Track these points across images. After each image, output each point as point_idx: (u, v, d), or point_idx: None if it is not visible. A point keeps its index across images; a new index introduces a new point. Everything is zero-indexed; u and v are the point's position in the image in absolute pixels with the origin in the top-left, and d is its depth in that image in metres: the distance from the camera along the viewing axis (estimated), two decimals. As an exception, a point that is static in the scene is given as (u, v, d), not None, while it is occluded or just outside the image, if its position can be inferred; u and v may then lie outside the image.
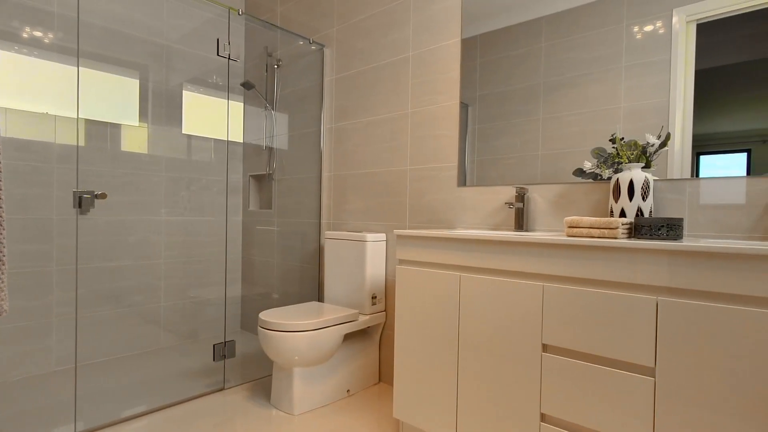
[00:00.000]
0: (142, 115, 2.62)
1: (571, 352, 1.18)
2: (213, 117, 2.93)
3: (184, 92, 2.83)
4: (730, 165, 1.33)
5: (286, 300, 2.73)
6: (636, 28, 1.52)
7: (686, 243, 1.02)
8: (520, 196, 1.67)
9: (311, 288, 2.58)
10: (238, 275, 3.10)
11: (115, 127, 2.49)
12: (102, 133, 2.44)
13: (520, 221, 1.67)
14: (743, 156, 1.32)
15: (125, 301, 2.52)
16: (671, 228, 1.15)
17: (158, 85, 2.66)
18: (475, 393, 1.37)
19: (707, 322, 0.97)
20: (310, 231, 2.59)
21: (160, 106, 2.68)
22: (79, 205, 1.88)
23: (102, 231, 2.42)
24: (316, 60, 2.56)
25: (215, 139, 2.93)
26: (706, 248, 0.97)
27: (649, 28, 1.49)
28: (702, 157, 1.38)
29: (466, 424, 1.39)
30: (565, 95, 1.68)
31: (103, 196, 1.82)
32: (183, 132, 2.81)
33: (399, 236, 1.60)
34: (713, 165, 1.35)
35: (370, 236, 2.11)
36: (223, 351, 2.16)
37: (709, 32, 1.38)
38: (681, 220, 1.15)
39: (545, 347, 1.23)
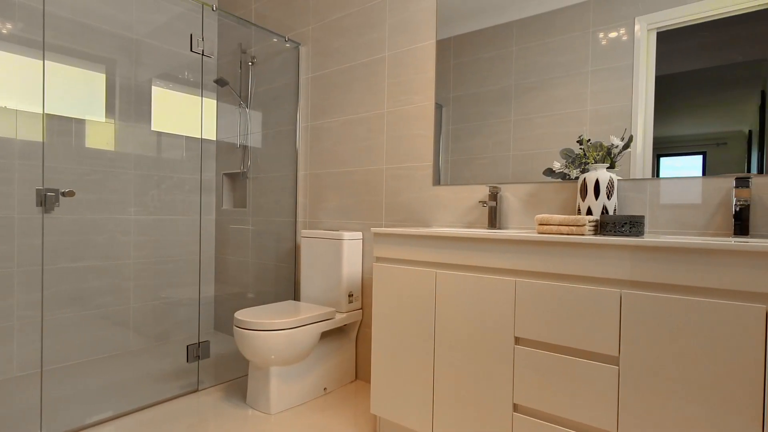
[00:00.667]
0: (109, 110, 2.54)
1: (541, 344, 1.24)
2: (184, 114, 2.87)
3: (154, 88, 2.76)
4: (688, 166, 1.42)
5: (261, 299, 2.71)
6: (601, 35, 1.59)
7: (647, 239, 1.08)
8: (493, 195, 1.72)
9: (287, 287, 2.57)
10: (211, 275, 3.05)
11: (80, 123, 2.40)
12: (65, 128, 2.35)
13: (493, 219, 1.72)
14: (699, 158, 1.41)
15: (92, 302, 2.44)
16: (633, 225, 1.22)
17: (126, 80, 2.59)
18: (451, 386, 1.41)
19: (666, 312, 1.04)
20: (286, 230, 2.58)
21: (128, 102, 2.61)
22: (43, 204, 1.82)
23: (68, 230, 2.34)
24: (291, 58, 2.55)
25: (187, 137, 2.87)
26: (665, 243, 1.03)
27: (613, 34, 1.56)
28: (662, 159, 1.47)
29: (442, 416, 1.43)
30: (535, 98, 1.75)
31: (71, 193, 1.76)
32: (152, 129, 2.74)
33: (376, 234, 1.62)
34: (672, 166, 1.44)
35: (347, 234, 2.12)
36: (197, 352, 2.12)
37: (668, 40, 1.47)
38: (642, 217, 1.22)
39: (517, 340, 1.28)
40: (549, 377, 1.21)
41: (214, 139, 3.03)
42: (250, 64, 2.76)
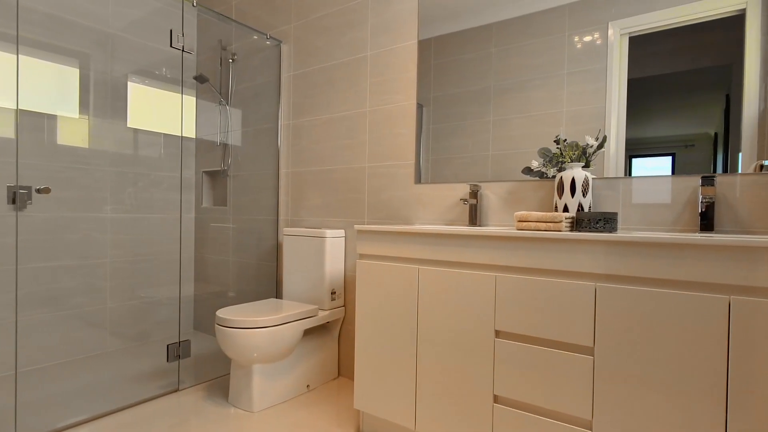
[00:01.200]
0: (83, 106, 2.48)
1: (521, 337, 1.28)
2: (162, 110, 2.82)
3: (130, 84, 2.71)
4: (658, 167, 1.49)
5: (242, 298, 2.69)
6: (576, 38, 1.65)
7: (620, 235, 1.14)
8: (474, 193, 1.76)
9: (268, 285, 2.56)
10: (191, 274, 3.01)
11: (52, 119, 2.34)
12: (37, 124, 2.28)
13: (474, 216, 1.76)
14: (669, 159, 1.48)
15: (68, 303, 2.38)
16: (607, 221, 1.27)
17: (101, 75, 2.53)
18: (433, 380, 1.44)
19: (637, 304, 1.09)
20: (267, 228, 2.57)
21: (103, 98, 2.55)
22: (15, 201, 1.77)
23: (41, 229, 2.28)
24: (272, 56, 2.54)
25: (165, 134, 2.82)
26: (637, 239, 1.09)
27: (588, 38, 1.62)
28: (634, 160, 1.53)
29: (424, 410, 1.46)
30: (513, 98, 1.79)
31: (47, 190, 1.72)
32: (128, 125, 2.68)
33: (359, 231, 1.64)
34: (644, 167, 1.51)
35: (329, 232, 2.13)
36: (177, 351, 2.10)
37: (639, 45, 1.53)
38: (615, 214, 1.28)
39: (498, 333, 1.32)
40: (528, 369, 1.25)
41: (194, 136, 2.99)
42: (230, 61, 2.74)
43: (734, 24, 1.37)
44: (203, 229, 2.96)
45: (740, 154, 1.36)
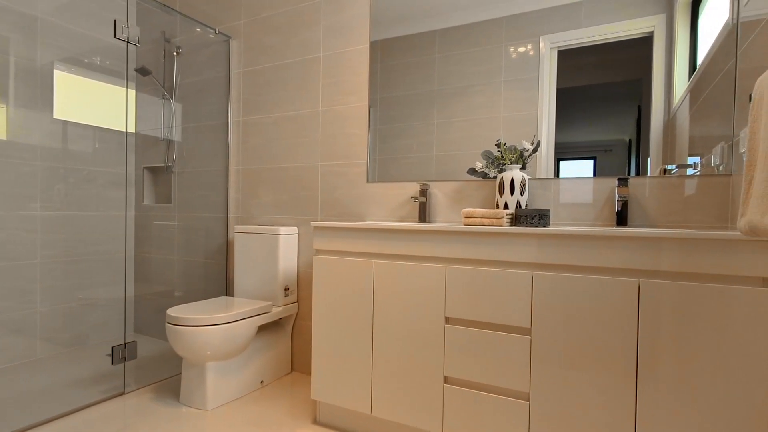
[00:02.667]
0: (1, 95, 2.29)
1: (468, 322, 1.41)
2: (96, 103, 2.67)
3: (57, 72, 2.53)
4: (582, 169, 1.69)
5: (190, 297, 2.63)
6: (512, 49, 1.81)
7: (552, 229, 1.30)
8: (423, 192, 1.88)
9: (218, 283, 2.53)
10: (130, 275, 2.88)
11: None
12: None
13: (424, 213, 1.88)
14: (591, 162, 1.68)
15: (-8, 308, 2.20)
16: (542, 217, 1.44)
17: (22, 61, 2.35)
18: (388, 366, 1.54)
19: (566, 288, 1.26)
20: (216, 225, 2.53)
21: (24, 87, 2.37)
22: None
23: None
24: (221, 51, 2.50)
25: (99, 127, 2.67)
26: (566, 232, 1.25)
27: (522, 49, 1.79)
28: (561, 162, 1.73)
29: (379, 395, 1.55)
30: (456, 102, 1.93)
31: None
32: (55, 117, 2.51)
33: (316, 227, 1.70)
34: (570, 169, 1.70)
35: (282, 229, 2.16)
36: (123, 353, 2.03)
37: (567, 58, 1.72)
38: (548, 210, 1.45)
39: (448, 320, 1.44)
40: (474, 350, 1.39)
41: (133, 131, 2.85)
42: (174, 54, 2.65)
43: (644, 44, 1.60)
44: (144, 227, 2.85)
45: (649, 159, 1.59)
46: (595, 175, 1.66)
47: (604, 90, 1.68)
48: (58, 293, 2.46)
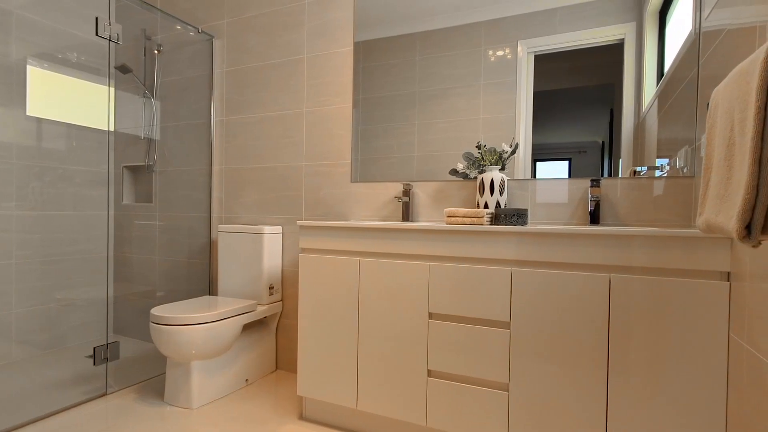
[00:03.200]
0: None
1: (451, 317, 1.47)
2: (73, 100, 2.62)
3: (30, 68, 2.48)
4: (558, 170, 1.76)
5: (173, 297, 2.61)
6: (491, 52, 1.87)
7: (529, 227, 1.36)
8: (407, 192, 1.93)
9: (201, 283, 2.52)
10: (111, 275, 2.84)
11: None
12: None
13: (407, 213, 1.93)
14: (566, 163, 1.76)
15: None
16: (520, 216, 1.50)
17: (-4, 57, 2.30)
18: (374, 361, 1.58)
19: (543, 284, 1.33)
20: (199, 225, 2.52)
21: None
22: None
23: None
24: (204, 50, 2.49)
25: (76, 125, 2.62)
26: (542, 230, 1.32)
27: (500, 53, 1.85)
28: (538, 163, 1.80)
29: (365, 389, 1.59)
30: (437, 104, 1.98)
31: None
32: (28, 114, 2.46)
33: (302, 226, 1.73)
34: (546, 169, 1.78)
35: (267, 229, 2.18)
36: (105, 354, 2.01)
37: (543, 62, 1.80)
38: (526, 210, 1.52)
39: (431, 315, 1.50)
40: (456, 344, 1.44)
41: (112, 129, 2.81)
42: (156, 52, 2.63)
43: (616, 50, 1.68)
44: (124, 227, 2.81)
45: (621, 160, 1.67)
46: (570, 175, 1.74)
47: (578, 93, 1.75)
48: (35, 294, 2.41)
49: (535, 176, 1.79)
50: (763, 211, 0.66)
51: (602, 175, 1.69)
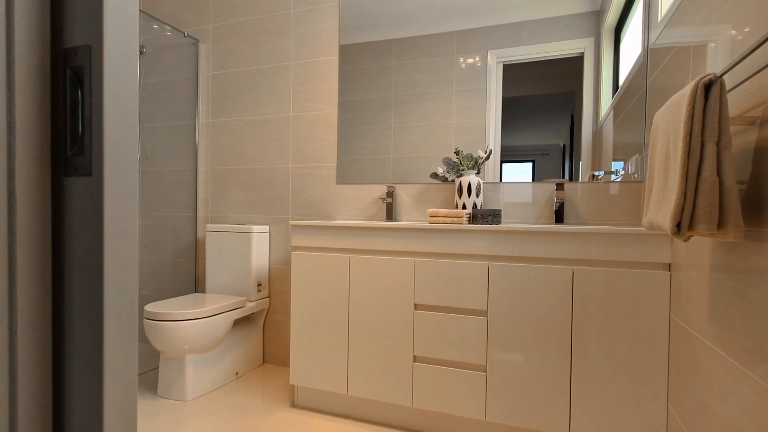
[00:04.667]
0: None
1: (434, 307, 1.63)
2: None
3: None
4: (522, 172, 1.94)
5: (159, 295, 2.65)
6: (462, 60, 2.02)
7: (503, 226, 1.54)
8: (390, 193, 2.07)
9: (187, 281, 2.58)
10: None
11: None
12: None
13: (390, 213, 2.07)
14: (530, 165, 1.94)
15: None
16: (495, 216, 1.68)
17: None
18: (363, 350, 1.72)
19: (515, 276, 1.50)
20: (185, 224, 2.58)
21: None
22: None
23: None
24: (189, 53, 2.54)
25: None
26: (514, 228, 1.49)
27: (471, 61, 2.01)
28: (504, 165, 1.97)
29: (355, 376, 1.73)
30: (412, 108, 2.11)
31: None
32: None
33: (294, 225, 1.84)
34: (511, 171, 1.96)
35: (255, 228, 2.27)
36: (97, 352, 2.05)
37: (511, 71, 1.96)
38: (500, 210, 1.69)
39: (416, 306, 1.65)
40: (439, 331, 1.60)
41: (92, 129, 2.80)
42: (138, 53, 2.64)
43: (576, 62, 1.87)
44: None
45: (581, 164, 1.87)
46: (533, 175, 1.92)
47: (543, 100, 1.93)
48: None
49: (501, 177, 1.96)
50: (689, 213, 0.84)
51: (563, 176, 1.89)
